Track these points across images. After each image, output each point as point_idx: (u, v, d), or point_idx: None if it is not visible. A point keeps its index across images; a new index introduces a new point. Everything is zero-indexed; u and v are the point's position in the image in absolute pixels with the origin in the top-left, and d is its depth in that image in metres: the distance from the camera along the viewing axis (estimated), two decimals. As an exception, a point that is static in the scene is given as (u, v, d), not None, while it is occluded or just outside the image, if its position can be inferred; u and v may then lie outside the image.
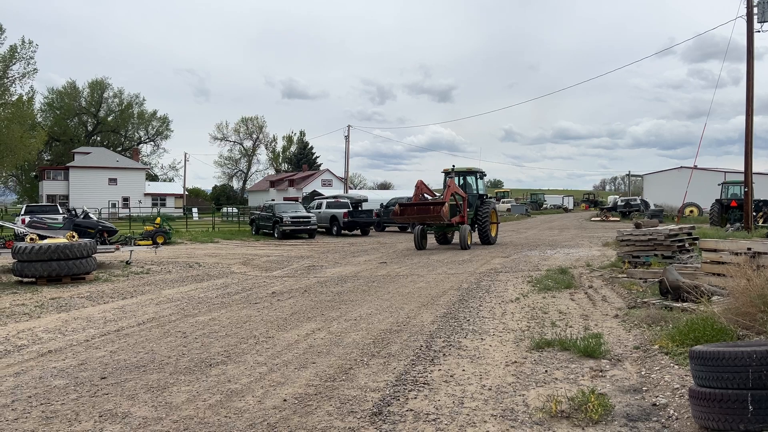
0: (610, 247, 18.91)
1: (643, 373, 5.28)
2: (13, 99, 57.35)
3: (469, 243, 20.30)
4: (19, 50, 56.27)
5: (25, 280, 12.60)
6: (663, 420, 4.16)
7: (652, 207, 48.76)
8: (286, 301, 9.94)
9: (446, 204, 19.57)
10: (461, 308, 8.82)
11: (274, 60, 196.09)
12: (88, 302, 10.09)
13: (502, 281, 11.83)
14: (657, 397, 4.61)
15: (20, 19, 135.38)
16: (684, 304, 7.65)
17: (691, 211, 43.11)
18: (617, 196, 72.14)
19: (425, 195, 21.28)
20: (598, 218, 48.10)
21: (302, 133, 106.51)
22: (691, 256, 12.46)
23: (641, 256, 12.60)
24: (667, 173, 62.68)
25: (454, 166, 22.49)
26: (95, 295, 10.92)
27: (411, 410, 4.49)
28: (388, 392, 4.90)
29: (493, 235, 22.55)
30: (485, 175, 24.26)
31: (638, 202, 52.56)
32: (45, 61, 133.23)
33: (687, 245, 12.89)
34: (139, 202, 65.87)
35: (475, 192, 22.90)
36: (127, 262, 16.24)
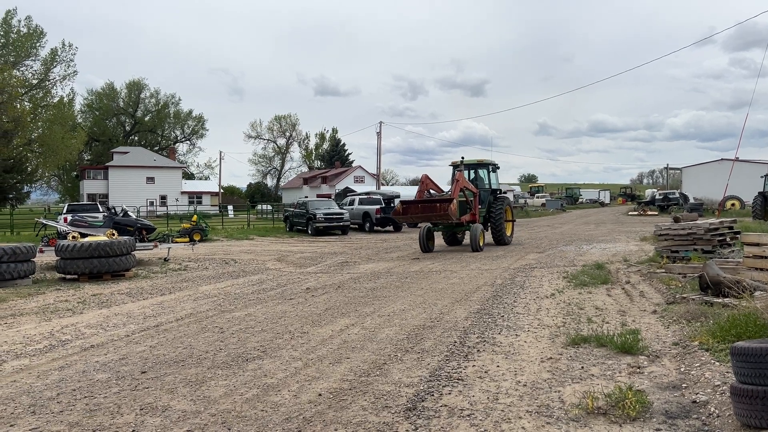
0: (648, 241, 18.54)
1: (682, 369, 5.17)
2: (54, 101, 58.96)
3: (481, 244, 18.01)
4: (59, 53, 57.84)
5: (68, 276, 12.97)
6: (703, 417, 4.08)
7: (692, 200, 47.66)
8: (320, 297, 10.02)
9: (454, 201, 17.32)
10: (495, 304, 8.77)
11: (306, 58, 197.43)
12: (128, 298, 10.34)
13: (536, 277, 11.71)
14: (697, 394, 4.51)
15: (60, 22, 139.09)
16: (725, 299, 7.46)
17: (733, 205, 42.00)
18: (655, 190, 70.63)
19: (431, 191, 19.09)
20: (636, 212, 47.18)
21: (334, 130, 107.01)
22: (733, 251, 12.13)
23: (680, 251, 12.33)
24: (707, 166, 61.18)
25: (463, 158, 20.09)
26: (135, 291, 11.17)
27: (445, 405, 4.49)
28: (422, 388, 4.91)
29: (508, 234, 20.40)
30: (498, 168, 21.60)
31: (677, 195, 51.37)
32: (84, 64, 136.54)
33: (728, 239, 12.57)
34: (176, 200, 67.07)
35: (487, 187, 20.55)
36: (165, 259, 16.57)
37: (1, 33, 56.92)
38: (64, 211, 30.61)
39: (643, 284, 10.26)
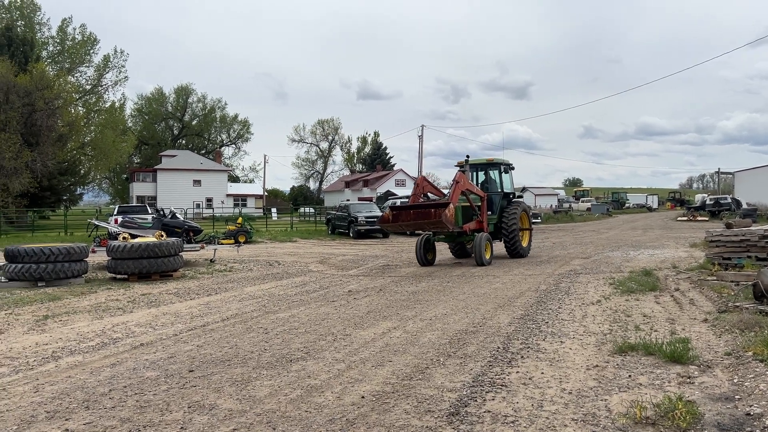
0: (698, 248, 18.01)
1: (735, 380, 5.01)
2: (106, 106, 60.91)
3: (487, 257, 15.20)
4: (111, 59, 59.73)
5: (118, 276, 13.36)
6: (758, 430, 3.94)
7: (745, 206, 46.01)
8: (362, 299, 10.07)
9: (451, 206, 14.45)
10: (539, 310, 8.65)
11: (349, 62, 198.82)
12: (175, 298, 10.59)
13: (582, 283, 11.51)
14: (751, 406, 4.36)
15: (112, 29, 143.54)
16: (781, 309, 7.19)
17: (789, 210, 40.37)
18: (705, 195, 68.55)
19: (429, 195, 16.53)
20: (685, 218, 45.87)
21: (376, 134, 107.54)
22: (789, 259, 11.67)
23: (732, 258, 11.93)
24: (762, 170, 58.93)
25: (468, 156, 17.24)
26: (182, 291, 11.44)
27: (488, 411, 4.46)
28: (465, 393, 4.89)
29: (524, 245, 17.65)
30: (512, 168, 18.69)
31: (729, 200, 49.69)
32: (135, 69, 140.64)
33: (784, 247, 12.09)
34: (222, 202, 68.41)
35: (499, 190, 17.78)
36: (211, 260, 16.92)
37: (57, 40, 59.16)
38: (115, 212, 31.58)
39: (693, 292, 9.97)
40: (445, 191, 17.70)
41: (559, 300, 9.53)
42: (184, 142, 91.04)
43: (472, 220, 16.16)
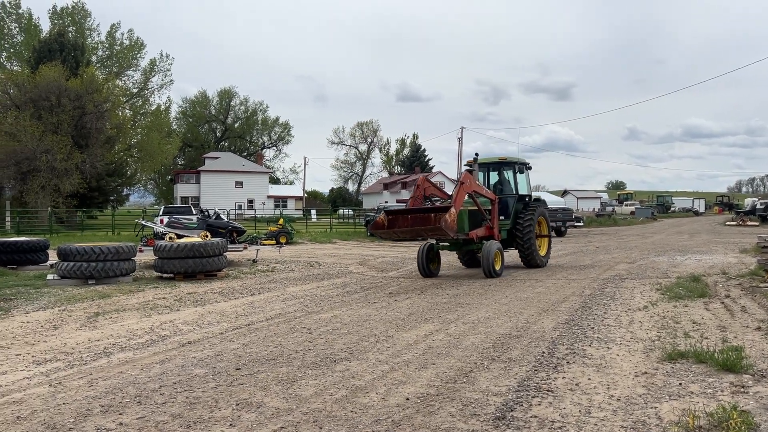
0: (749, 253, 17.46)
1: (792, 391, 4.84)
2: (152, 109, 62.45)
3: (497, 267, 13.40)
4: (157, 63, 61.18)
5: (165, 275, 13.68)
6: (819, 444, 3.81)
7: (798, 211, 44.38)
8: (403, 301, 10.08)
9: (453, 210, 12.42)
10: (584, 315, 8.52)
11: (388, 64, 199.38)
12: (220, 297, 10.79)
13: (627, 288, 11.28)
14: (810, 418, 4.21)
15: (157, 34, 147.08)
16: (840, 318, 6.92)
17: None
18: (756, 199, 66.30)
19: (431, 198, 14.50)
20: (734, 222, 44.49)
21: (415, 136, 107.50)
22: None
23: (787, 265, 11.52)
24: (816, 173, 56.65)
25: (477, 155, 15.51)
26: (226, 291, 11.64)
27: (535, 416, 4.41)
28: (510, 397, 4.85)
29: (542, 253, 15.83)
30: (529, 168, 16.78)
31: (781, 205, 48.03)
32: (179, 73, 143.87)
33: (842, 253, 11.63)
34: (263, 203, 69.41)
35: (513, 192, 15.89)
36: (253, 261, 17.17)
37: (106, 45, 60.94)
38: (160, 213, 32.36)
39: (745, 299, 9.67)
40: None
41: (604, 305, 9.36)
42: (226, 144, 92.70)
43: (481, 226, 14.26)
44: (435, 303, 9.87)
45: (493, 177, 16.45)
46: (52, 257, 16.97)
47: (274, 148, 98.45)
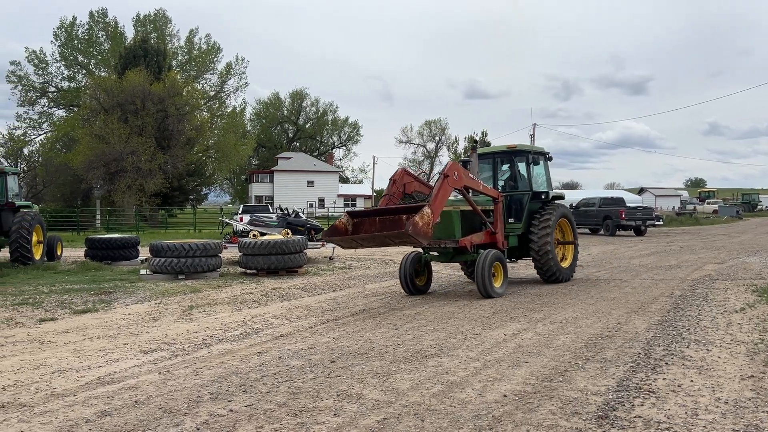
0: None
1: None
2: (228, 110, 64.54)
3: (497, 285, 10.41)
4: (233, 67, 63.13)
5: (248, 271, 14.14)
6: None
7: None
8: (485, 299, 10.03)
9: (425, 210, 9.11)
10: (678, 316, 8.23)
11: (455, 62, 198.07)
12: (304, 293, 11.07)
13: (720, 289, 10.81)
14: None
15: (232, 38, 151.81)
16: None
17: None
18: None
19: (412, 194, 11.23)
20: (830, 222, 41.69)
21: (484, 134, 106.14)
22: None
23: None
24: None
25: (476, 141, 11.81)
26: (309, 286, 11.93)
27: (639, 417, 4.33)
28: (610, 397, 4.77)
29: (565, 265, 12.58)
30: (550, 158, 13.54)
31: None
32: (253, 75, 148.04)
33: None
34: (333, 202, 70.49)
35: (526, 188, 12.60)
36: (330, 258, 17.51)
37: (185, 50, 63.42)
38: (240, 211, 33.43)
39: None
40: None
41: (697, 306, 9.01)
42: (298, 144, 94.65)
43: (478, 231, 11.24)
44: (518, 302, 9.79)
45: (505, 170, 13.24)
46: (142, 253, 17.89)
47: (344, 147, 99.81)
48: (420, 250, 11.42)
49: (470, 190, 11.00)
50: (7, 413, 4.58)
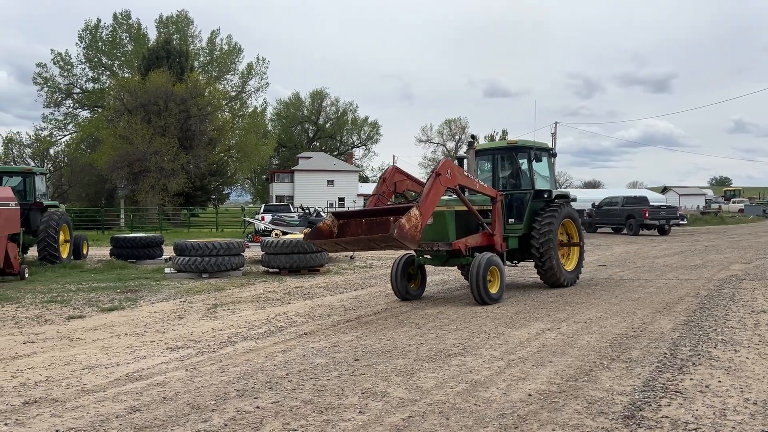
0: None
1: None
2: (249, 111, 64.98)
3: (493, 291, 9.67)
4: (254, 67, 63.53)
5: (271, 270, 14.25)
6: None
7: None
8: (507, 299, 10.00)
9: (412, 212, 8.33)
10: (704, 316, 8.14)
11: (475, 60, 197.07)
12: (326, 292, 11.13)
13: (747, 290, 10.65)
14: None
15: (252, 37, 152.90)
16: None
17: None
18: None
19: (405, 194, 10.88)
20: None
21: (504, 132, 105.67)
22: None
23: None
24: None
25: (473, 137, 11.99)
26: (330, 285, 12.00)
27: (666, 417, 4.30)
28: (637, 397, 4.74)
29: (569, 268, 11.96)
30: (554, 155, 13.12)
31: None
32: (274, 76, 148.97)
33: None
34: (353, 202, 70.53)
35: (527, 187, 11.90)
36: (350, 257, 17.56)
37: (207, 51, 63.98)
38: (261, 211, 33.68)
39: None
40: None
41: (724, 307, 8.89)
42: (318, 144, 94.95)
43: (474, 232, 10.56)
44: (541, 301, 9.74)
45: (506, 167, 12.44)
46: (166, 252, 18.12)
47: (364, 147, 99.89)
48: (413, 252, 10.68)
49: (466, 190, 10.36)
50: (40, 408, 4.68)
